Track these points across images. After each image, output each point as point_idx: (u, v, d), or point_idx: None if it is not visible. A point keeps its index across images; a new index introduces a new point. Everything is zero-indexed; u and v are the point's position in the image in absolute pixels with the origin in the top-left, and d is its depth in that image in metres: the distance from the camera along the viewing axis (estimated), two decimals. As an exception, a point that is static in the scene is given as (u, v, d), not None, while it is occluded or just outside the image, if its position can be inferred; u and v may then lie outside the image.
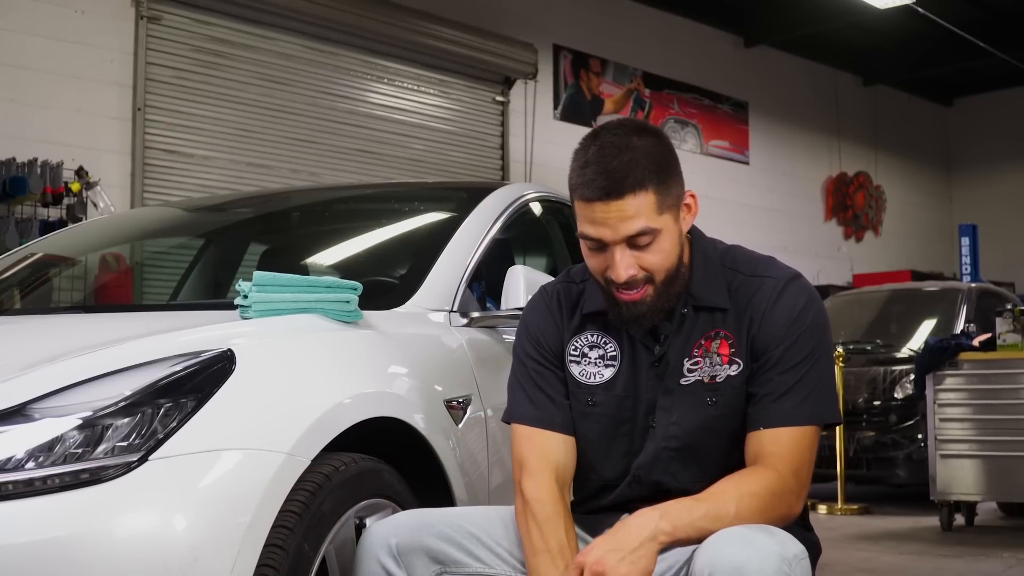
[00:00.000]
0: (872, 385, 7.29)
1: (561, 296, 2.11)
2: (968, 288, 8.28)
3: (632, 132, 1.91)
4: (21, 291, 3.20)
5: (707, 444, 1.95)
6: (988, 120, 15.31)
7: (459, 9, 9.18)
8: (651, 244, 1.88)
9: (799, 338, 1.92)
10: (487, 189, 3.10)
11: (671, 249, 1.91)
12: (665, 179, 1.89)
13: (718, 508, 1.80)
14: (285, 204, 3.69)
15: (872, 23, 11.73)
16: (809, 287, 2.00)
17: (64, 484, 1.71)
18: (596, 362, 2.03)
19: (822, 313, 1.98)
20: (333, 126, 8.40)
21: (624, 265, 1.88)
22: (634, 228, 1.86)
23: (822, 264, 12.74)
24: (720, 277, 1.99)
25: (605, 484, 2.04)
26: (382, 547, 1.91)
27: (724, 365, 1.94)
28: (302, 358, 2.12)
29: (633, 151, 1.87)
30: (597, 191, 1.85)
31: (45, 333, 2.32)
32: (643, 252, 1.88)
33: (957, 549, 5.47)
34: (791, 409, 1.90)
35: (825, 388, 1.94)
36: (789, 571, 1.70)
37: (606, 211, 1.86)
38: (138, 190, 7.08)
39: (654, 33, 11.27)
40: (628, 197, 1.85)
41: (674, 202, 1.91)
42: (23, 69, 6.64)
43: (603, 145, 1.89)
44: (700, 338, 1.97)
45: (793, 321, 1.93)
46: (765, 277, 1.98)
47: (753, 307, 1.95)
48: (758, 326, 1.94)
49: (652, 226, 1.86)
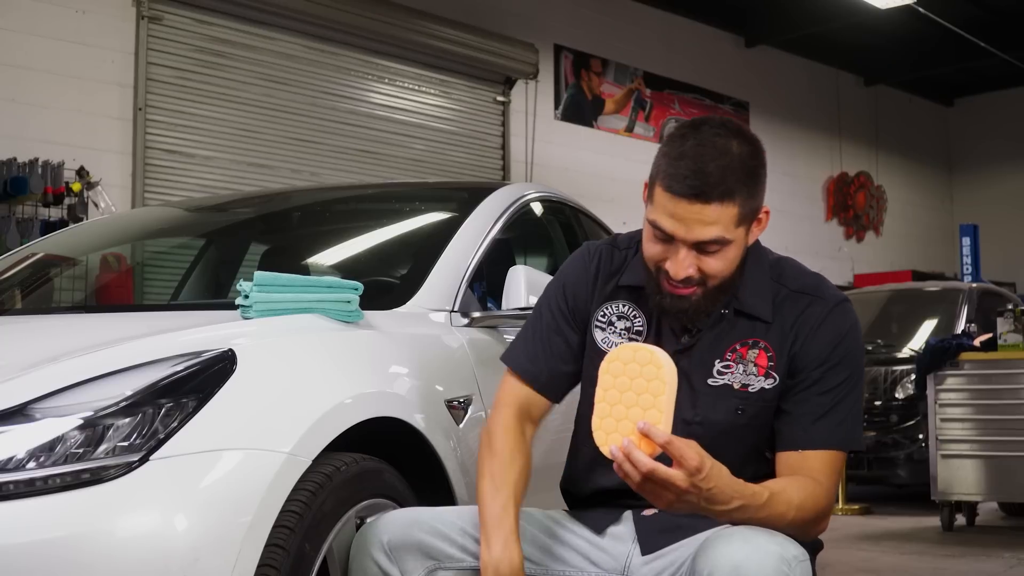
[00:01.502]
0: (873, 385, 7.28)
1: (603, 258, 2.09)
2: (969, 288, 8.28)
3: (734, 136, 1.87)
4: (22, 291, 3.20)
5: (729, 449, 1.92)
6: (989, 120, 15.30)
7: (460, 9, 9.18)
8: (718, 252, 1.86)
9: (841, 361, 1.93)
10: (488, 189, 3.10)
11: (734, 259, 1.89)
12: (753, 193, 1.86)
13: (776, 514, 1.80)
14: (286, 204, 3.69)
15: (873, 23, 11.72)
16: (853, 314, 1.99)
17: (65, 484, 1.71)
18: (621, 333, 2.03)
19: (860, 341, 1.99)
20: (334, 126, 8.40)
21: (685, 265, 1.86)
22: (709, 235, 1.83)
23: (823, 264, 12.72)
24: (768, 288, 1.98)
25: (595, 459, 2.00)
26: (375, 544, 1.92)
27: (760, 377, 1.94)
28: (303, 358, 2.12)
29: (731, 157, 1.83)
30: (687, 189, 1.81)
31: (46, 333, 2.32)
32: (708, 257, 1.86)
33: (958, 549, 5.47)
34: (830, 432, 1.90)
35: (858, 415, 1.96)
36: (788, 571, 1.70)
37: (688, 210, 1.82)
38: (139, 190, 7.08)
39: (655, 33, 11.27)
40: (715, 204, 1.81)
41: (751, 216, 1.89)
42: (24, 69, 6.65)
43: (703, 142, 1.84)
44: (736, 343, 1.96)
45: (838, 344, 1.93)
46: (815, 297, 1.97)
47: (799, 326, 1.94)
48: (800, 345, 1.93)
49: (727, 236, 1.84)
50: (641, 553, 1.93)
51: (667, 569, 1.86)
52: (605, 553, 1.97)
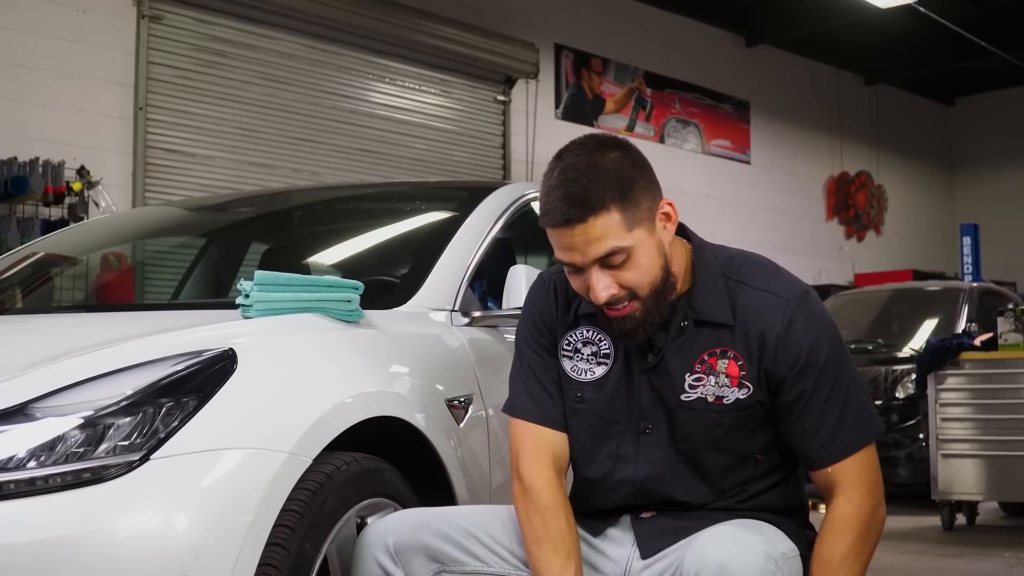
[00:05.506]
0: (874, 385, 7.28)
1: (559, 287, 2.07)
2: (969, 288, 8.27)
3: (594, 149, 1.86)
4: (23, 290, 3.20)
5: (712, 463, 1.93)
6: (990, 120, 15.30)
7: (461, 8, 9.18)
8: (626, 262, 1.83)
9: (825, 364, 1.88)
10: (488, 188, 3.10)
11: (650, 263, 1.85)
12: (629, 195, 1.83)
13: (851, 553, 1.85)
14: (287, 203, 3.69)
15: (874, 22, 11.72)
16: (818, 305, 1.94)
17: (66, 483, 1.71)
18: (588, 359, 2.01)
19: (835, 330, 1.94)
20: (335, 125, 8.40)
21: (601, 286, 1.84)
22: (603, 250, 1.81)
23: (824, 264, 12.73)
24: (722, 290, 1.92)
25: (587, 483, 2.02)
26: (379, 546, 1.91)
27: (733, 388, 1.90)
28: (303, 358, 2.12)
29: (594, 171, 1.82)
30: (560, 217, 1.82)
31: (47, 332, 2.32)
32: (619, 271, 1.84)
33: (958, 549, 5.47)
34: (851, 436, 1.89)
35: (867, 402, 1.94)
36: (775, 569, 1.70)
37: (571, 236, 1.82)
38: (139, 189, 7.08)
39: (656, 32, 11.27)
40: (591, 220, 1.80)
41: (646, 215, 1.85)
42: (25, 68, 6.65)
43: (564, 168, 1.84)
44: (703, 353, 1.92)
45: (811, 349, 1.88)
46: (772, 294, 1.91)
47: (763, 330, 1.89)
48: (772, 357, 1.88)
49: (622, 245, 1.82)
50: (641, 557, 1.93)
51: (667, 571, 1.86)
52: (606, 558, 1.97)
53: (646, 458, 1.95)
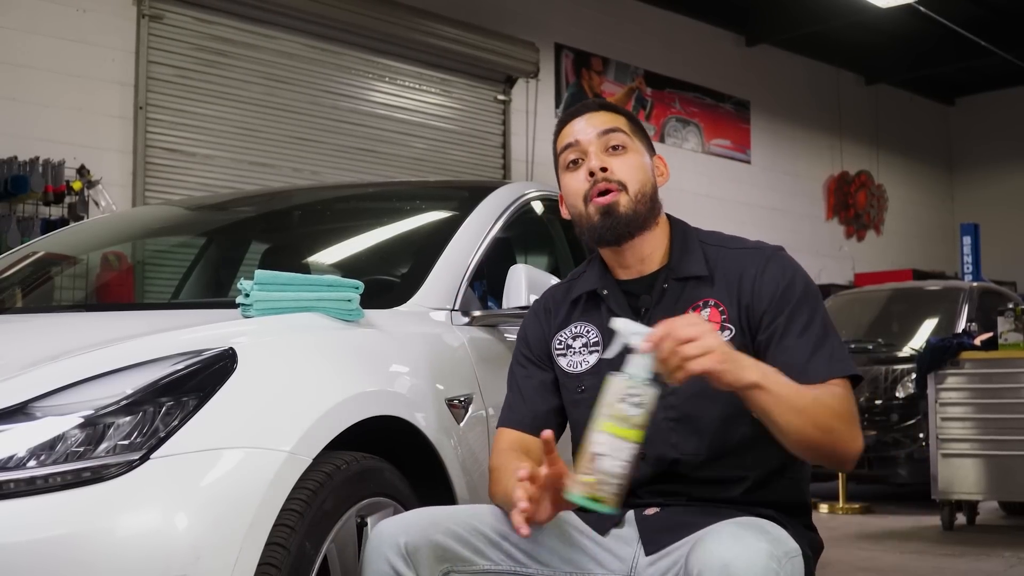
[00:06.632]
0: (873, 384, 7.28)
1: (548, 297, 2.21)
2: (970, 287, 8.28)
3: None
4: (23, 290, 3.20)
5: (705, 411, 1.96)
6: (990, 119, 15.30)
7: (461, 8, 9.18)
8: (622, 151, 2.04)
9: (798, 302, 1.96)
10: (488, 188, 3.10)
11: (641, 168, 2.05)
12: (635, 122, 2.11)
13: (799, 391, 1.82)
14: (287, 203, 3.69)
15: (874, 22, 11.72)
16: (793, 259, 2.06)
17: (66, 483, 1.71)
18: (580, 351, 2.10)
19: (810, 279, 2.03)
20: (335, 125, 8.40)
21: (598, 159, 2.02)
22: (609, 123, 2.06)
23: (824, 263, 12.73)
24: (697, 249, 2.06)
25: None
26: (391, 547, 1.89)
27: (716, 332, 1.94)
28: (303, 357, 2.12)
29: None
30: (577, 112, 2.10)
31: (47, 332, 2.32)
32: (615, 158, 2.03)
33: (958, 548, 5.47)
34: (827, 365, 1.91)
35: (841, 345, 1.97)
36: (778, 568, 1.69)
37: (583, 121, 2.07)
38: (140, 189, 7.08)
39: (656, 32, 11.27)
40: (603, 112, 2.09)
41: (645, 144, 2.10)
42: (25, 68, 6.65)
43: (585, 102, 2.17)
44: (688, 308, 2.00)
45: (787, 287, 1.97)
46: (747, 249, 2.05)
47: (742, 275, 2.00)
48: (750, 294, 1.98)
49: (624, 130, 2.06)
50: (645, 554, 1.93)
51: (672, 568, 1.86)
52: (612, 555, 1.97)
53: None
